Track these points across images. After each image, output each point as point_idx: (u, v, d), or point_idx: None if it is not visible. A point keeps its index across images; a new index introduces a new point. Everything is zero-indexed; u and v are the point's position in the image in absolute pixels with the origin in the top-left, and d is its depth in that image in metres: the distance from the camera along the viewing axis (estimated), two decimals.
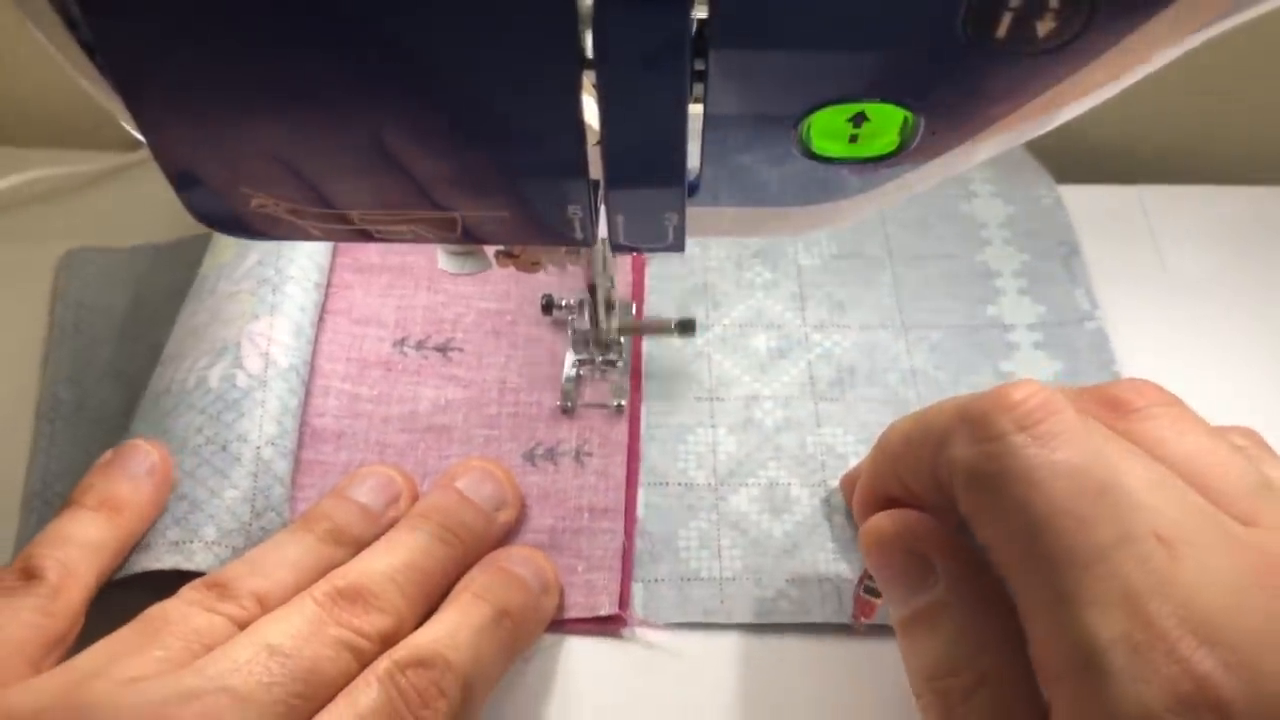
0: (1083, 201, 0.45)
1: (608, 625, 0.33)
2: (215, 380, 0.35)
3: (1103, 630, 0.21)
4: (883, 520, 0.27)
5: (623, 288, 0.42)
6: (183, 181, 0.23)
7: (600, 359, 0.38)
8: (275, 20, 0.19)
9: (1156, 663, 0.20)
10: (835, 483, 0.36)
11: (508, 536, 0.34)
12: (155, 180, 0.23)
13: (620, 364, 0.38)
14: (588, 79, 0.20)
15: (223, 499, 0.33)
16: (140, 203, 0.44)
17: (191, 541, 0.32)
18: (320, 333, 0.39)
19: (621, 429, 0.37)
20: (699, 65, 0.20)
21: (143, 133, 0.21)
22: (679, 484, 0.37)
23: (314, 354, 0.38)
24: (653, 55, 0.19)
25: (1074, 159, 0.47)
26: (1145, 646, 0.20)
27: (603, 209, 0.24)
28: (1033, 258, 0.43)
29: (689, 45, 0.19)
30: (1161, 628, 0.20)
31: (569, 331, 0.39)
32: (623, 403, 0.38)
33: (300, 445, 0.36)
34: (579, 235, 0.24)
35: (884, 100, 0.20)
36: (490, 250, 0.32)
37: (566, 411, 0.38)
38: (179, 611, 0.28)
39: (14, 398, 0.39)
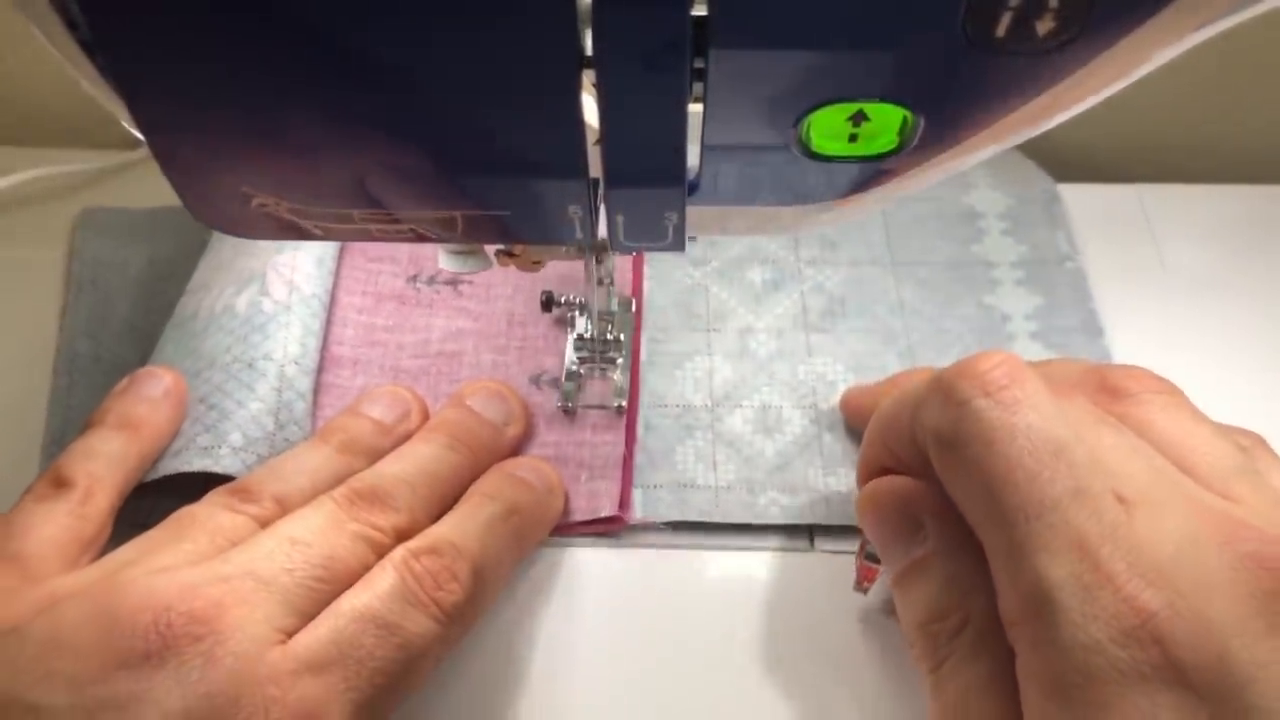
0: (1082, 201, 0.45)
1: (609, 525, 0.35)
2: (242, 306, 0.37)
3: (1054, 572, 0.22)
4: (875, 486, 0.29)
5: (621, 285, 0.42)
6: (183, 182, 0.23)
7: (600, 358, 0.38)
8: (275, 19, 0.19)
9: (1104, 599, 0.21)
10: (826, 405, 0.38)
11: (515, 450, 0.36)
12: (155, 179, 0.23)
13: (620, 363, 0.38)
14: (587, 78, 0.20)
15: (249, 410, 0.35)
16: (140, 201, 0.45)
17: (219, 447, 0.34)
18: (338, 269, 0.41)
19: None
20: (699, 64, 0.20)
21: (143, 133, 0.21)
22: (677, 405, 0.39)
23: (333, 287, 0.40)
24: (652, 54, 0.19)
25: (1074, 158, 0.47)
26: (1094, 585, 0.22)
27: (602, 208, 0.24)
28: (1016, 203, 0.45)
29: (689, 44, 0.19)
30: (1110, 570, 0.22)
31: (568, 330, 0.39)
32: (623, 404, 0.38)
33: (320, 370, 0.38)
34: (579, 235, 0.24)
35: (884, 99, 0.20)
36: (490, 249, 0.32)
37: (567, 412, 0.38)
38: (205, 512, 0.30)
39: (18, 397, 0.39)
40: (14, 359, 0.40)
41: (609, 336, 0.38)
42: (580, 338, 0.38)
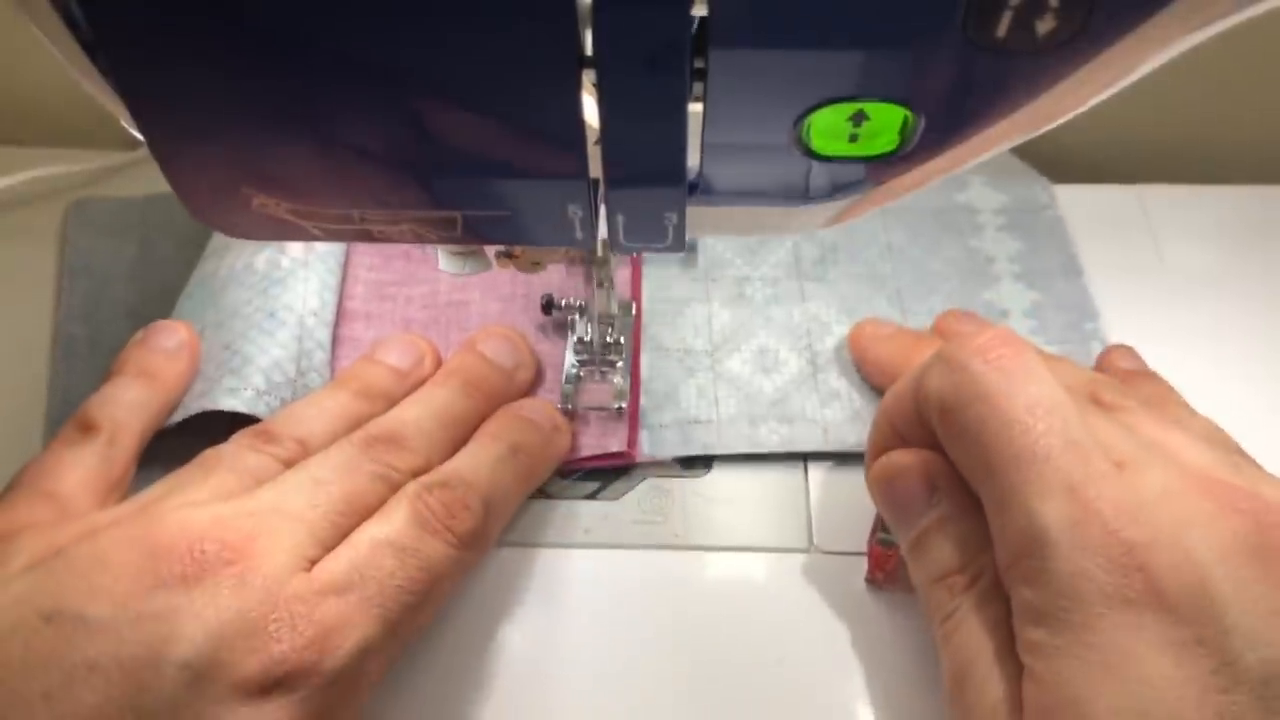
0: (1082, 201, 0.45)
1: (618, 460, 0.37)
2: (261, 264, 0.39)
3: (1046, 513, 0.24)
4: (887, 458, 0.30)
5: (620, 287, 0.42)
6: (183, 182, 0.23)
7: (600, 360, 0.38)
8: (275, 21, 0.19)
9: (1092, 533, 0.23)
10: (821, 346, 0.40)
11: (525, 393, 0.38)
12: (154, 179, 0.23)
13: (620, 365, 0.38)
14: (588, 78, 0.20)
15: (271, 355, 0.36)
16: None
17: (245, 389, 0.35)
18: None
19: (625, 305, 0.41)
20: (699, 64, 0.20)
21: (143, 133, 0.21)
22: (679, 349, 0.40)
23: (346, 247, 0.42)
24: (652, 54, 0.19)
25: (1073, 158, 0.47)
26: (1083, 522, 0.23)
27: (602, 209, 0.24)
28: (995, 159, 0.46)
29: (689, 44, 0.19)
30: (1097, 508, 0.23)
31: (568, 333, 0.39)
32: (623, 405, 0.38)
33: (335, 324, 0.39)
34: (579, 235, 0.24)
35: (884, 99, 0.20)
36: (490, 251, 0.32)
37: (567, 413, 0.38)
38: (231, 451, 0.31)
39: (19, 395, 0.39)
40: (14, 358, 0.40)
41: (609, 339, 0.38)
42: (580, 341, 0.38)
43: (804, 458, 0.37)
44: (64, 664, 0.24)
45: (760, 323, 0.41)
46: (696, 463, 0.37)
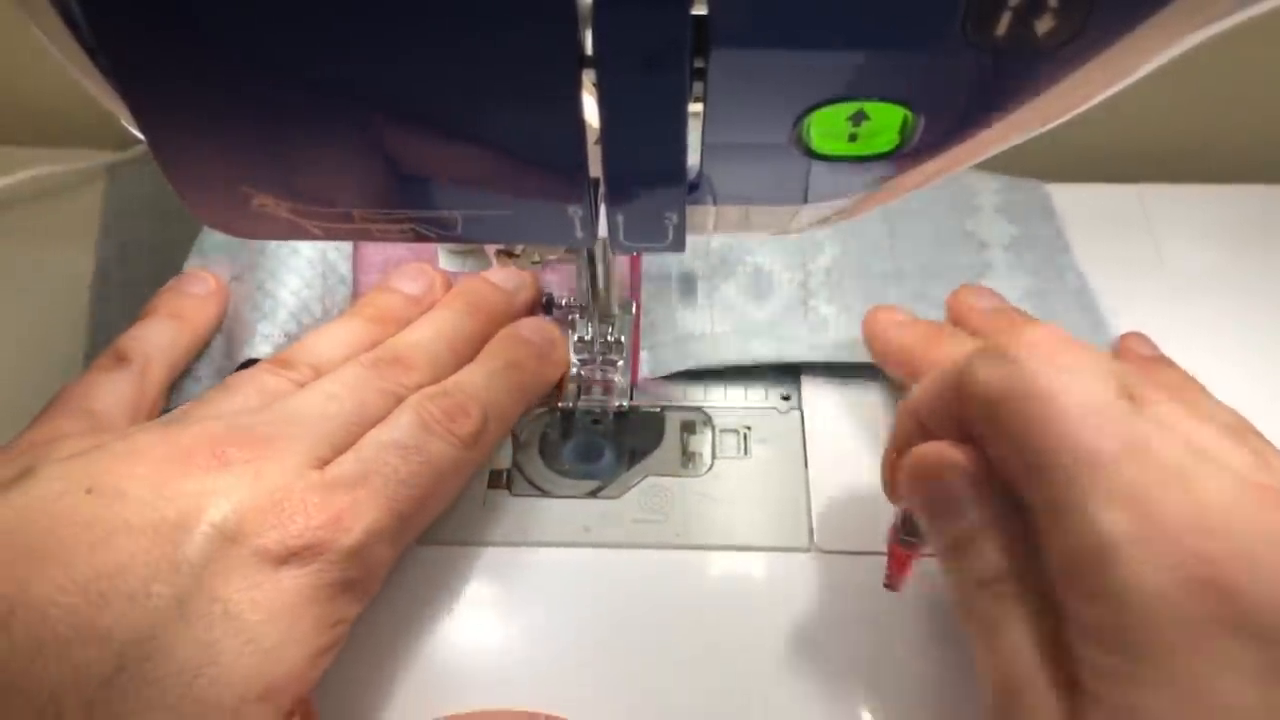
0: (1082, 201, 0.45)
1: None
2: None
3: (1110, 523, 0.22)
4: (930, 451, 0.28)
5: (621, 288, 0.42)
6: (183, 181, 0.23)
7: (601, 359, 0.38)
8: (275, 22, 0.19)
9: (1164, 549, 0.22)
10: (814, 265, 0.42)
11: (527, 313, 0.40)
12: (156, 179, 0.23)
13: (621, 365, 0.38)
14: (588, 78, 0.20)
15: (300, 297, 0.40)
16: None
17: (277, 334, 0.39)
18: None
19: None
20: (699, 64, 0.20)
21: (143, 133, 0.21)
22: (676, 275, 0.42)
23: None
24: (653, 54, 0.19)
25: (1074, 158, 0.47)
26: (1153, 536, 0.22)
27: (602, 208, 0.24)
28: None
29: (689, 44, 0.19)
30: (1163, 521, 0.22)
31: (569, 333, 0.39)
32: (624, 404, 0.38)
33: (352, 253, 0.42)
34: (579, 235, 0.24)
35: (884, 99, 0.20)
36: (490, 249, 0.32)
37: (568, 412, 0.38)
38: (249, 374, 0.34)
39: (21, 396, 0.39)
40: (15, 357, 0.40)
41: (609, 339, 0.38)
42: (580, 340, 0.38)
43: (804, 453, 0.38)
44: (105, 523, 0.26)
45: (756, 240, 0.42)
46: (697, 460, 0.37)
